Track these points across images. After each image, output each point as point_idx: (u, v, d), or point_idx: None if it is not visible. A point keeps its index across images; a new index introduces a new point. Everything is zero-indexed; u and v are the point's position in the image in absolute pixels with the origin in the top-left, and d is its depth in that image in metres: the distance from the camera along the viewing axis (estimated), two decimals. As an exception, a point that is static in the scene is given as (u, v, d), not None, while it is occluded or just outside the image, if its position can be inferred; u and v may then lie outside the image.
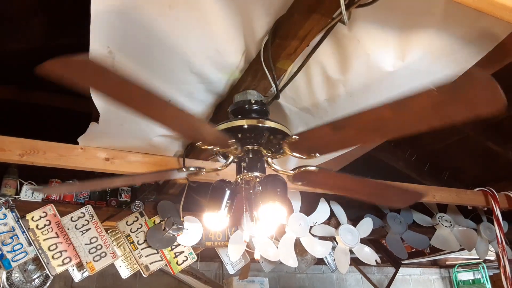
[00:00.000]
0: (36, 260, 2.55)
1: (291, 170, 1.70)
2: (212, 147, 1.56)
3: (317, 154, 1.51)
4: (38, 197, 2.63)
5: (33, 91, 2.72)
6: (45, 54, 2.50)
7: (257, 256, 2.09)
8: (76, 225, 2.60)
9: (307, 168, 1.65)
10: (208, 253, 3.63)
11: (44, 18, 2.29)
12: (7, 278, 2.54)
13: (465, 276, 5.66)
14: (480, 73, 1.05)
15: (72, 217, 2.62)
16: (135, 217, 2.79)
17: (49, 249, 2.47)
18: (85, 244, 2.56)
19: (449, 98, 1.11)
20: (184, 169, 1.76)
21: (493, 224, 3.41)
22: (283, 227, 2.95)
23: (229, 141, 1.53)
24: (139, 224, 2.76)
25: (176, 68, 1.68)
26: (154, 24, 1.47)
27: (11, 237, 2.43)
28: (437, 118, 1.18)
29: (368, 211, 3.38)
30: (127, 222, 2.75)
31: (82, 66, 1.07)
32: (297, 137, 1.48)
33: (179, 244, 2.79)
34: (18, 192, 2.61)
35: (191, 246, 2.84)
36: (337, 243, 3.13)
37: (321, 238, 3.10)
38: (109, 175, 2.26)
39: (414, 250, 4.36)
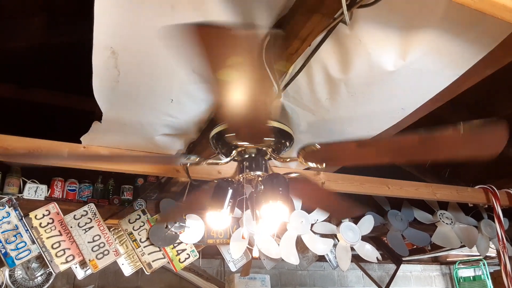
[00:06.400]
0: (39, 258, 2.57)
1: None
2: None
3: (324, 165, 1.52)
4: (41, 195, 2.65)
5: (35, 89, 2.73)
6: (46, 52, 2.52)
7: (255, 254, 2.11)
8: (79, 223, 2.62)
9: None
10: (209, 250, 3.65)
11: (44, 16, 2.29)
12: (10, 276, 2.56)
13: (466, 272, 5.67)
14: (498, 123, 1.23)
15: (75, 215, 2.64)
16: (138, 215, 2.80)
17: (52, 247, 2.49)
18: (88, 242, 2.57)
19: (467, 139, 1.32)
20: (187, 157, 1.78)
21: (493, 221, 3.42)
22: (284, 224, 2.97)
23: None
24: (142, 222, 2.78)
25: (178, 68, 1.69)
26: (156, 25, 1.47)
27: (15, 235, 2.44)
28: (449, 152, 1.38)
29: (369, 209, 3.39)
30: (129, 220, 2.77)
31: None
32: (319, 146, 1.50)
33: (181, 242, 2.81)
34: (21, 191, 2.63)
35: (193, 244, 2.85)
36: (338, 241, 3.14)
37: (322, 235, 3.11)
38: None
39: (415, 247, 4.38)
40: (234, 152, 1.73)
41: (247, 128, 1.46)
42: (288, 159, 1.75)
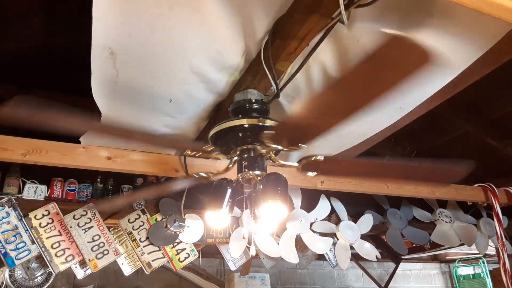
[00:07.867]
0: (39, 258, 2.57)
1: (297, 162, 1.71)
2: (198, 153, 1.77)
3: (301, 145, 1.52)
4: (41, 195, 2.65)
5: (34, 90, 2.73)
6: (46, 52, 2.52)
7: (252, 252, 2.11)
8: (78, 223, 2.62)
9: (313, 158, 1.65)
10: (209, 250, 3.66)
11: (44, 17, 2.29)
12: (10, 276, 2.56)
13: (466, 270, 5.68)
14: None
15: (74, 215, 2.64)
16: (137, 214, 2.80)
17: (52, 247, 2.49)
18: (88, 242, 2.58)
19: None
20: (192, 176, 1.80)
21: (492, 220, 3.43)
22: (284, 223, 2.97)
23: (209, 149, 1.71)
24: (141, 221, 2.78)
25: (177, 68, 1.69)
26: (155, 25, 1.48)
27: (14, 236, 2.45)
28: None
29: (368, 207, 3.39)
30: (129, 219, 2.77)
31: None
32: (273, 131, 1.51)
33: (181, 241, 2.81)
34: (20, 191, 2.62)
35: (193, 243, 2.86)
36: (337, 239, 3.15)
37: (322, 234, 3.11)
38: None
39: (414, 245, 4.39)
40: (233, 151, 1.74)
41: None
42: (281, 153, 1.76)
